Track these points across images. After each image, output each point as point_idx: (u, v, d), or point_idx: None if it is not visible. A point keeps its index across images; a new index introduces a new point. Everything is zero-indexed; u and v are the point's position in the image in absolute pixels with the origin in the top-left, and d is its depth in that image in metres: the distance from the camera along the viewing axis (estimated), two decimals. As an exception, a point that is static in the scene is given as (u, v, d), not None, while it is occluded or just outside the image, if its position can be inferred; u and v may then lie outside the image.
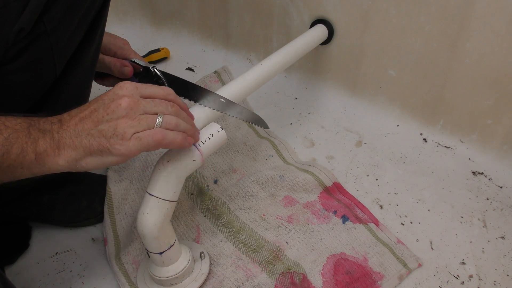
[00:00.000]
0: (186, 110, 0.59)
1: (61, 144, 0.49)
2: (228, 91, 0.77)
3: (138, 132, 0.51)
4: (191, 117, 0.60)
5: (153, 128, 0.52)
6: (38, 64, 0.57)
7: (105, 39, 0.74)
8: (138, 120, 0.51)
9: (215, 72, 1.17)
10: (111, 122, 0.50)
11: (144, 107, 0.53)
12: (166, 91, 0.56)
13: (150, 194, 0.60)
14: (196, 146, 0.62)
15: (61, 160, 0.49)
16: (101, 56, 0.74)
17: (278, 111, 1.09)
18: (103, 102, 0.52)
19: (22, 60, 0.54)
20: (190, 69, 1.22)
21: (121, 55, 0.76)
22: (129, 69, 0.74)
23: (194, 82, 1.13)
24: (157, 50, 1.23)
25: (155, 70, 0.73)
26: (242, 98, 0.81)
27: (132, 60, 0.75)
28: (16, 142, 0.46)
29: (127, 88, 0.53)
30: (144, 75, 0.75)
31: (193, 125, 0.59)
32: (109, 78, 0.78)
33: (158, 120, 0.53)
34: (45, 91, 0.62)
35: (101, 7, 0.64)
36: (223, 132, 0.65)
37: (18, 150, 0.46)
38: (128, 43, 0.78)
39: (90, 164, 0.51)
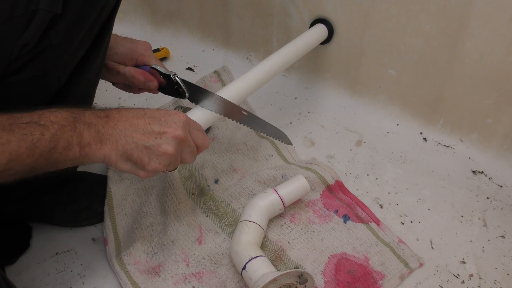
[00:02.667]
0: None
1: (104, 139, 0.52)
2: (229, 92, 0.77)
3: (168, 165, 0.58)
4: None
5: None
6: (42, 77, 0.57)
7: (126, 46, 0.74)
8: (176, 158, 0.58)
9: (215, 72, 1.17)
10: (160, 148, 0.55)
11: (185, 150, 0.60)
12: (206, 143, 0.64)
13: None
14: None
15: (99, 154, 0.52)
16: (123, 69, 0.74)
17: (278, 110, 1.09)
18: (160, 120, 0.56)
19: (26, 73, 0.54)
20: (190, 69, 1.22)
21: (141, 62, 0.75)
22: (154, 84, 0.74)
23: (194, 82, 1.14)
24: (157, 50, 1.23)
25: (176, 78, 0.72)
26: (243, 99, 0.81)
27: (153, 67, 0.74)
28: (63, 137, 0.48)
29: (184, 121, 0.58)
30: (165, 81, 0.74)
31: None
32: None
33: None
34: (48, 100, 0.62)
35: (107, 19, 0.64)
36: (303, 180, 0.79)
37: (64, 143, 0.48)
38: (150, 47, 0.77)
39: (121, 167, 0.55)
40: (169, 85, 0.74)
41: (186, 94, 0.73)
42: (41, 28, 0.51)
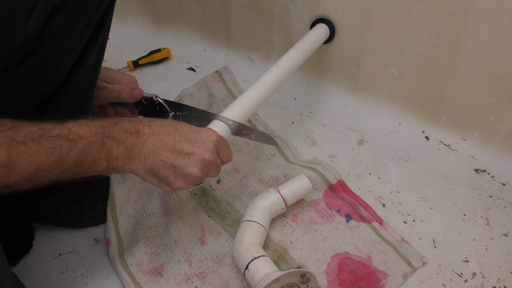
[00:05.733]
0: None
1: (132, 155, 0.54)
2: (244, 102, 0.76)
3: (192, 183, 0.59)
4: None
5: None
6: (43, 69, 0.57)
7: (109, 71, 0.76)
8: (201, 177, 0.59)
9: (217, 71, 1.17)
10: (186, 168, 0.56)
11: (210, 169, 0.61)
12: (230, 158, 0.65)
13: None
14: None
15: (127, 168, 0.54)
16: (109, 86, 0.75)
17: (280, 110, 1.09)
18: (189, 139, 0.57)
19: (27, 65, 0.54)
20: (191, 69, 1.22)
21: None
22: (138, 91, 0.75)
23: (195, 82, 1.13)
24: (158, 50, 1.23)
25: (159, 99, 0.75)
26: (257, 108, 0.80)
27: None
28: (90, 153, 0.49)
29: (214, 141, 0.59)
30: (147, 104, 0.77)
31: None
32: (110, 109, 0.79)
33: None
34: (50, 92, 0.62)
35: (106, 10, 0.64)
36: (305, 180, 0.78)
37: (92, 159, 0.49)
38: (136, 80, 0.79)
39: (148, 180, 0.57)
40: (152, 108, 0.77)
41: (169, 113, 0.76)
42: (41, 20, 0.51)
